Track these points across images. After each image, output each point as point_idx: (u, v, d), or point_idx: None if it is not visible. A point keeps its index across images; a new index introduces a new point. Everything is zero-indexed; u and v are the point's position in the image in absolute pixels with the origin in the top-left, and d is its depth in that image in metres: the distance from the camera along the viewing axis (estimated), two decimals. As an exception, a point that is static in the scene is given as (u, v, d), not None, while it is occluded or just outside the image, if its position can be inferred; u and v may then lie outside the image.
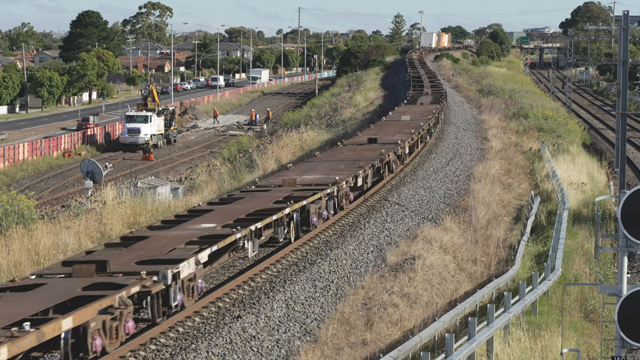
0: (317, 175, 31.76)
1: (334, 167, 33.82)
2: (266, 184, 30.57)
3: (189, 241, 21.30)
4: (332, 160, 36.21)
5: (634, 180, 55.61)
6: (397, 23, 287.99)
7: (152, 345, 18.98)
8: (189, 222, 23.97)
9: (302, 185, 29.74)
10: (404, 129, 46.33)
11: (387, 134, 44.55)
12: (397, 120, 52.34)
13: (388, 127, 48.44)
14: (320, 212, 28.32)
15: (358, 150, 38.89)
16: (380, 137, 42.76)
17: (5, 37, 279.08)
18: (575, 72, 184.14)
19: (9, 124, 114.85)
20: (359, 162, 34.52)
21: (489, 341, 21.94)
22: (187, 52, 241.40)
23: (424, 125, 48.49)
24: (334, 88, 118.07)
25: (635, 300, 15.82)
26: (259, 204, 26.18)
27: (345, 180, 30.81)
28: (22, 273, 24.76)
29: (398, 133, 44.88)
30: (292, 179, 30.27)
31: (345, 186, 31.07)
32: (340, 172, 32.35)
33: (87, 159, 47.62)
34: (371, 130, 47.98)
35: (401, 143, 40.55)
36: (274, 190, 29.02)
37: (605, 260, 33.15)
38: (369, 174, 34.11)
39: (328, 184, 29.63)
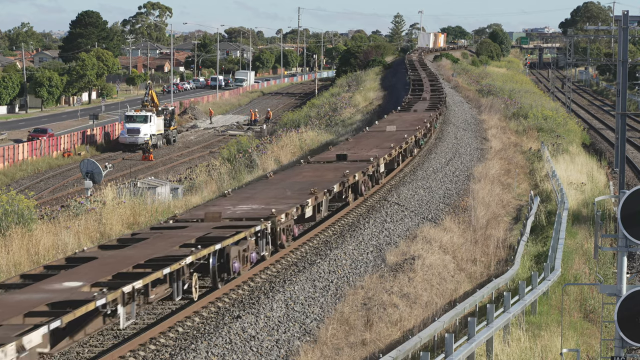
0: (254, 206, 26.83)
1: (279, 194, 28.98)
2: (187, 218, 25.31)
3: (29, 312, 16.00)
4: (283, 184, 31.18)
5: (633, 180, 55.60)
6: (396, 23, 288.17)
7: (152, 345, 18.99)
8: (52, 279, 18.59)
9: (229, 220, 24.76)
10: (385, 143, 41.47)
11: (363, 149, 39.86)
12: (381, 131, 47.64)
13: (367, 140, 43.72)
14: (245, 255, 23.14)
15: (321, 170, 33.97)
16: (353, 153, 38.23)
17: (5, 37, 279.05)
18: (574, 72, 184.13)
19: (8, 124, 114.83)
20: (314, 186, 29.47)
21: (489, 341, 21.94)
22: (187, 52, 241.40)
23: (408, 137, 43.42)
24: (334, 88, 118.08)
25: (635, 300, 15.82)
26: (160, 249, 20.96)
27: (287, 212, 25.64)
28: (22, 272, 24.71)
29: (376, 147, 40.08)
30: (217, 213, 25.03)
31: (287, 219, 25.89)
32: (285, 200, 27.61)
33: (87, 159, 47.63)
34: (347, 143, 43.26)
35: (374, 160, 35.65)
36: (191, 228, 23.71)
37: (604, 260, 33.15)
38: (323, 202, 28.95)
39: (260, 219, 24.57)
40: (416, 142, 46.58)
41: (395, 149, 39.80)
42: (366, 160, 35.78)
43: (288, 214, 25.89)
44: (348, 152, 38.19)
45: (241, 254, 22.80)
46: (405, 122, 51.49)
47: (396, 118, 54.83)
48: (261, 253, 24.52)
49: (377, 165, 36.04)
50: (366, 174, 34.38)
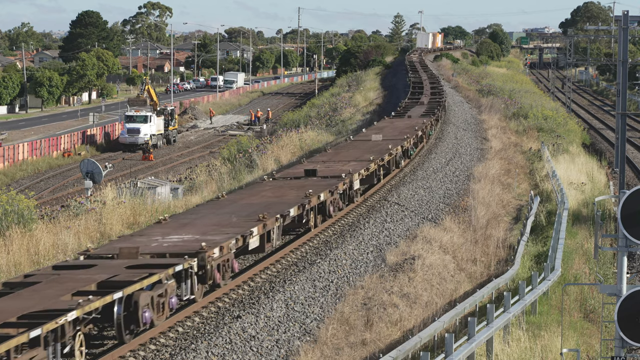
0: (186, 236, 22.91)
1: (224, 220, 24.98)
2: (101, 253, 21.26)
3: None
4: (233, 207, 27.29)
5: (633, 180, 55.60)
6: (396, 23, 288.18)
7: (152, 345, 18.99)
8: None
9: (150, 255, 20.88)
10: (365, 154, 37.72)
11: (339, 162, 36.41)
12: (365, 140, 43.96)
13: (347, 152, 40.15)
14: (161, 301, 19.14)
15: (283, 189, 30.33)
16: (326, 168, 34.67)
17: (5, 37, 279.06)
18: (575, 72, 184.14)
19: (8, 124, 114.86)
20: (269, 209, 25.95)
21: (489, 341, 21.94)
22: (187, 52, 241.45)
23: (393, 148, 39.63)
24: (334, 88, 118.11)
25: (635, 300, 15.82)
26: (47, 299, 17.29)
27: (222, 244, 21.68)
28: (22, 272, 24.73)
29: (354, 160, 36.52)
30: (134, 248, 20.96)
31: (223, 253, 21.74)
32: (227, 228, 23.71)
33: (87, 159, 47.63)
34: (325, 155, 39.63)
35: (346, 177, 31.84)
36: (99, 267, 19.80)
37: (605, 260, 33.15)
38: (274, 229, 25.00)
39: (184, 255, 20.58)
40: (404, 152, 43.01)
41: (374, 162, 35.83)
42: (337, 177, 31.91)
43: (224, 248, 21.67)
44: (321, 166, 34.80)
45: (155, 301, 18.89)
46: (396, 130, 47.79)
47: (386, 125, 51.34)
48: (184, 297, 20.44)
49: (349, 182, 32.08)
50: (335, 192, 30.40)
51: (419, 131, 47.37)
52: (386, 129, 48.35)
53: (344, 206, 32.37)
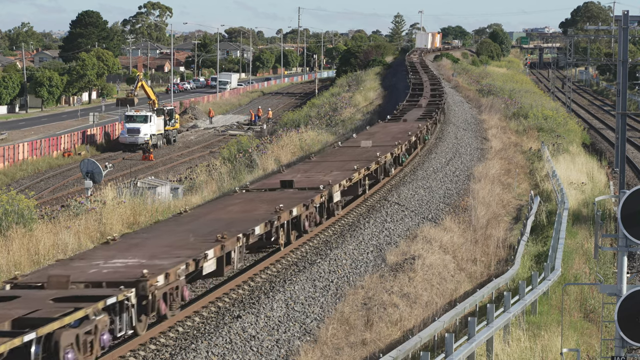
0: (131, 261, 20.14)
1: (179, 240, 22.22)
2: (29, 282, 18.64)
3: None
4: (195, 224, 24.54)
5: (633, 180, 55.61)
6: (396, 23, 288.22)
7: (152, 345, 18.99)
8: None
9: (85, 284, 18.35)
10: (351, 163, 35.20)
11: (321, 172, 33.82)
12: (354, 147, 41.62)
13: (332, 160, 37.70)
14: (88, 339, 16.70)
15: (254, 202, 27.79)
16: (306, 178, 32.31)
17: (5, 37, 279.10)
18: (575, 72, 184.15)
19: (8, 123, 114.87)
20: (234, 225, 23.62)
21: (489, 341, 21.95)
22: (187, 52, 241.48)
23: (382, 156, 37.15)
24: (334, 88, 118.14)
25: (635, 300, 15.83)
26: None
27: (168, 271, 18.89)
28: (23, 272, 24.73)
29: (338, 169, 33.94)
30: (64, 276, 18.28)
31: (170, 281, 19.01)
32: (181, 250, 20.87)
33: (87, 159, 47.63)
34: (307, 163, 37.29)
35: (325, 189, 29.40)
36: (22, 300, 17.29)
37: (605, 260, 33.15)
38: (235, 250, 22.28)
39: (120, 285, 18.05)
40: (395, 159, 40.91)
41: (359, 171, 33.31)
42: (315, 189, 29.33)
43: (170, 274, 18.93)
44: (301, 176, 32.56)
45: (81, 339, 16.44)
46: (388, 135, 45.45)
47: (379, 130, 49.07)
48: (120, 333, 17.84)
49: (328, 194, 29.51)
50: (311, 206, 27.83)
51: (413, 136, 44.69)
52: (378, 134, 46.18)
53: (324, 220, 29.92)
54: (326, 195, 29.37)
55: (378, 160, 36.49)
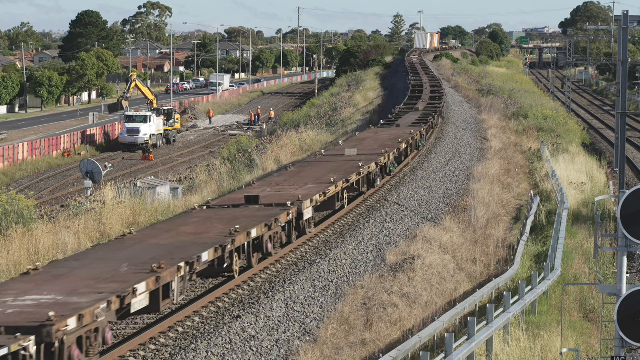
0: (48, 296, 17.17)
1: (108, 272, 18.96)
2: None
3: None
4: (133, 250, 21.40)
5: (633, 180, 55.61)
6: (396, 23, 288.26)
7: (152, 345, 19.00)
8: None
9: None
10: (330, 174, 32.33)
11: (294, 185, 31.07)
12: (337, 155, 38.79)
13: (310, 170, 34.68)
14: None
15: (212, 221, 24.86)
16: (275, 193, 29.41)
17: (4, 37, 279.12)
18: (574, 72, 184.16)
19: (8, 123, 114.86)
20: (180, 251, 20.79)
21: (489, 341, 21.95)
22: (187, 52, 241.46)
23: (364, 167, 34.20)
24: (334, 88, 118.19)
25: (634, 300, 15.83)
26: None
27: (81, 312, 15.95)
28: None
29: (314, 182, 31.18)
30: None
31: (82, 324, 15.98)
32: (108, 284, 17.98)
33: (87, 159, 47.64)
34: (284, 174, 34.42)
35: (294, 205, 26.70)
36: None
37: (604, 260, 33.15)
38: (175, 282, 19.29)
39: (16, 333, 15.05)
40: (382, 169, 38.41)
41: (337, 184, 30.36)
42: (282, 205, 26.66)
43: (85, 316, 16.01)
44: (271, 190, 29.80)
45: None
46: (377, 142, 42.66)
47: (369, 136, 46.22)
48: None
49: (297, 211, 26.75)
50: (275, 225, 25.01)
51: (403, 144, 41.99)
52: (366, 142, 43.45)
53: (294, 239, 27.25)
54: (294, 213, 26.50)
55: (360, 171, 33.47)
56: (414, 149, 46.39)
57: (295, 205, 26.71)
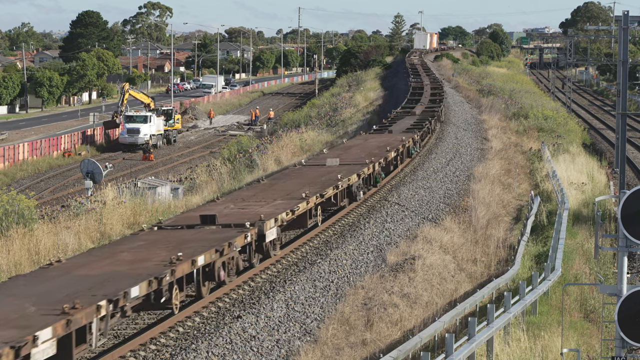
0: None
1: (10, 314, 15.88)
2: None
3: None
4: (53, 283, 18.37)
5: (634, 180, 55.61)
6: (397, 23, 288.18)
7: (152, 345, 19.00)
8: None
9: None
10: (304, 188, 29.65)
11: (261, 200, 28.08)
12: (318, 165, 36.02)
13: (284, 183, 31.88)
14: None
15: (155, 247, 21.83)
16: (238, 210, 26.53)
17: (5, 37, 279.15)
18: (575, 72, 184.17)
19: (8, 124, 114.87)
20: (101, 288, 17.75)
21: (489, 341, 21.95)
22: (187, 52, 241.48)
23: (344, 179, 31.34)
24: (334, 88, 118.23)
25: (635, 300, 15.83)
26: None
27: None
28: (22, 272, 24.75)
29: (283, 197, 28.37)
30: None
31: None
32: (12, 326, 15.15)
33: (87, 159, 47.64)
34: (253, 188, 31.46)
35: (253, 227, 23.72)
36: None
37: (605, 260, 33.15)
38: (93, 324, 16.48)
39: None
40: (366, 180, 35.69)
41: (308, 200, 27.55)
42: (240, 226, 23.83)
43: None
44: (233, 207, 26.97)
45: None
46: (364, 150, 40.11)
47: (357, 144, 43.63)
48: None
49: (257, 232, 23.86)
50: (229, 250, 21.99)
51: (392, 152, 39.41)
52: (353, 150, 40.94)
53: (257, 262, 24.72)
54: (253, 235, 23.59)
55: (338, 184, 30.64)
56: (405, 157, 43.96)
57: (256, 226, 23.86)
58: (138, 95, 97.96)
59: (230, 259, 22.46)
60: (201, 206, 29.46)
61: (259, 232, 23.88)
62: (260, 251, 24.82)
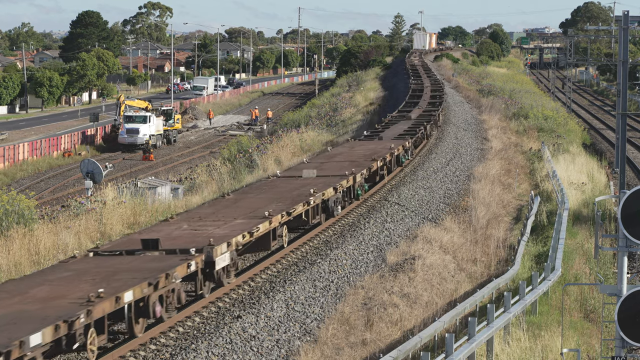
0: None
1: None
2: None
3: None
4: None
5: (634, 180, 55.62)
6: (397, 23, 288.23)
7: (152, 345, 19.00)
8: None
9: None
10: (267, 206, 26.56)
11: (220, 219, 25.10)
12: (293, 177, 33.20)
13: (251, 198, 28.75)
14: None
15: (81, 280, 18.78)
16: (188, 232, 23.52)
17: (5, 37, 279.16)
18: (575, 72, 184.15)
19: (8, 124, 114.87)
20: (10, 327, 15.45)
21: (489, 341, 21.95)
22: (187, 52, 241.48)
23: (316, 195, 28.35)
24: (334, 88, 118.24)
25: (635, 300, 15.83)
26: None
27: None
28: (22, 273, 24.75)
29: (244, 216, 25.42)
30: None
31: None
32: None
33: (87, 159, 47.63)
34: (216, 204, 28.44)
35: (199, 254, 20.79)
36: None
37: (605, 260, 33.16)
38: None
39: None
40: (347, 193, 32.86)
41: (270, 219, 24.67)
42: (184, 252, 20.99)
43: None
44: (186, 228, 24.09)
45: None
46: (349, 159, 37.52)
47: (342, 152, 40.86)
48: None
49: (204, 260, 20.96)
50: (167, 282, 19.09)
51: (377, 162, 36.58)
52: (336, 159, 38.05)
53: (207, 292, 21.74)
54: (199, 263, 20.67)
55: (309, 200, 27.74)
56: (395, 166, 41.07)
57: (204, 252, 20.94)
58: (134, 103, 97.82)
59: (170, 292, 19.50)
60: (152, 227, 25.79)
61: (207, 258, 21.04)
62: (212, 279, 21.74)
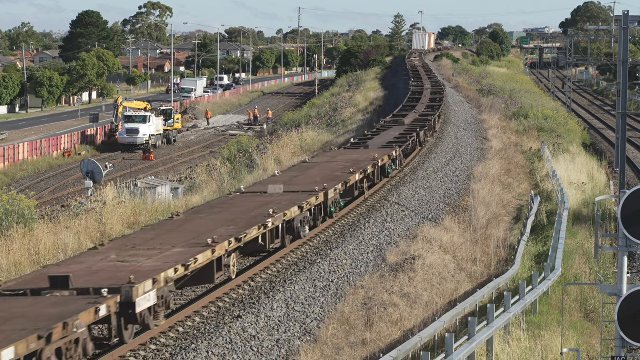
0: None
1: None
2: None
3: None
4: None
5: (634, 180, 55.61)
6: (397, 23, 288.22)
7: (152, 345, 19.00)
8: None
9: None
10: (217, 230, 23.37)
11: (158, 246, 21.66)
12: (258, 194, 29.78)
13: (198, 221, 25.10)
14: None
15: None
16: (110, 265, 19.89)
17: (5, 37, 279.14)
18: (575, 72, 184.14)
19: (9, 124, 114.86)
20: None
21: (489, 341, 21.95)
22: (187, 52, 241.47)
23: (276, 215, 25.08)
24: (334, 88, 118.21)
25: (635, 300, 15.83)
26: None
27: None
28: (22, 273, 24.74)
29: (184, 244, 21.82)
30: None
31: None
32: None
33: (87, 159, 47.66)
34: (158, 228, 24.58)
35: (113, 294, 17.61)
36: None
37: (605, 260, 33.15)
38: None
39: None
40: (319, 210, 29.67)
41: (215, 247, 21.28)
42: (96, 293, 17.69)
43: None
44: (112, 258, 20.57)
45: None
46: (326, 171, 34.15)
47: (321, 162, 37.63)
48: None
49: (122, 300, 17.71)
50: (66, 332, 15.87)
51: (356, 174, 33.09)
52: (312, 171, 34.77)
53: (129, 338, 18.44)
54: (113, 306, 17.42)
55: (265, 223, 24.29)
56: (378, 178, 37.75)
57: (122, 293, 17.67)
58: (132, 104, 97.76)
59: (71, 343, 16.12)
60: (76, 256, 21.84)
61: (125, 299, 17.69)
62: (134, 321, 18.25)
